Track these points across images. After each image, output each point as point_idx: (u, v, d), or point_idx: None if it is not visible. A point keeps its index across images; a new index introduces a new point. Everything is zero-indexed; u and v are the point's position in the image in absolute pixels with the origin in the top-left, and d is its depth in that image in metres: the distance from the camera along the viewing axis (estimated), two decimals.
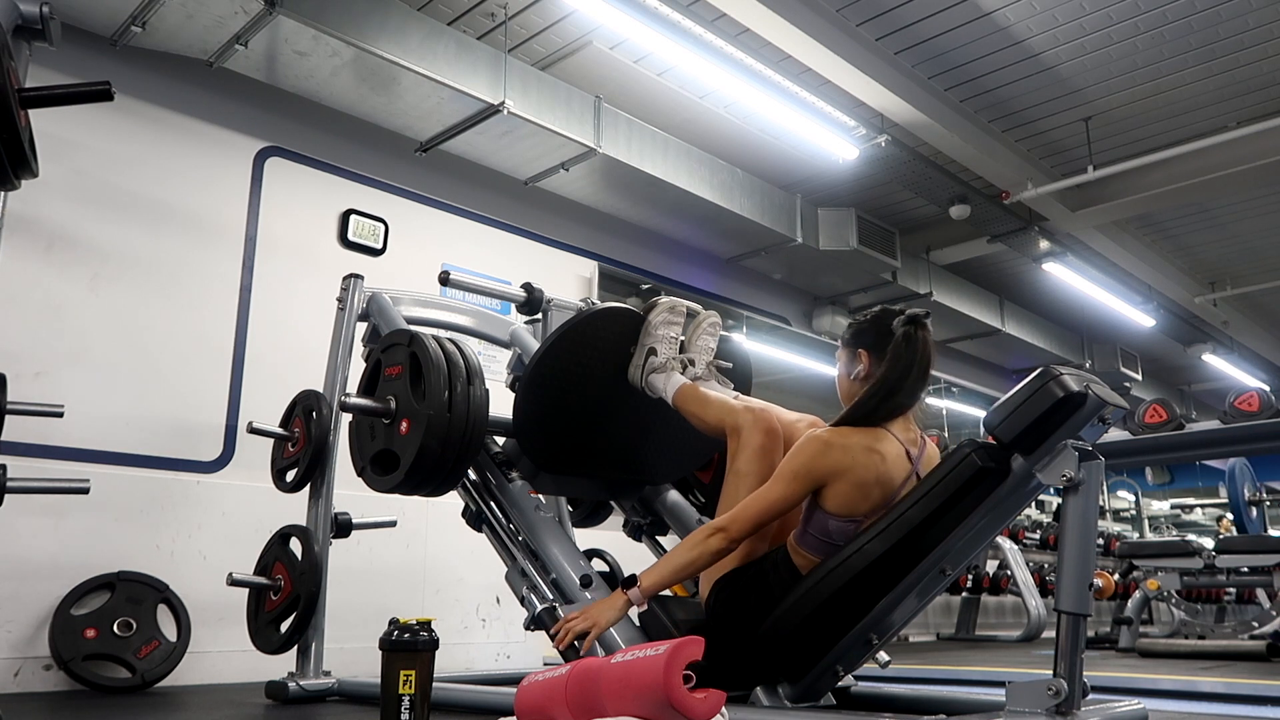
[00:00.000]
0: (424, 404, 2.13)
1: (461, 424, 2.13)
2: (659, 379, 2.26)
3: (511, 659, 4.06)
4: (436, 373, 2.14)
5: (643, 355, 2.30)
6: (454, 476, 2.21)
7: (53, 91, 1.59)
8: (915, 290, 6.43)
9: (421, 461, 2.11)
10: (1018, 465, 1.70)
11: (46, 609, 2.97)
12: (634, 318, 2.34)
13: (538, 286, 2.67)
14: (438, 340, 2.24)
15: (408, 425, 2.16)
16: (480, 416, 2.18)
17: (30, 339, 3.21)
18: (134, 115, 3.59)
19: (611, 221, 5.19)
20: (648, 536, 2.67)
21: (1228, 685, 2.94)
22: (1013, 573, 6.10)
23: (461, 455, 2.16)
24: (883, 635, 1.88)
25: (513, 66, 4.07)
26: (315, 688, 2.63)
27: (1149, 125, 5.07)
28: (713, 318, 2.40)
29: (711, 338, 2.38)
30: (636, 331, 2.33)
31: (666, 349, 2.29)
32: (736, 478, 2.03)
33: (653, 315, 2.32)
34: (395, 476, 2.17)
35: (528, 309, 2.68)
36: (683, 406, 2.19)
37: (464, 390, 2.16)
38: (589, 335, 2.27)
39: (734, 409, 2.11)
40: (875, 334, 1.96)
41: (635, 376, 2.31)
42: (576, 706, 1.57)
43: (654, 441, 2.32)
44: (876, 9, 4.04)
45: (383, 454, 2.23)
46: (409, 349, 2.24)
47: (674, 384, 2.23)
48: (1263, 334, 8.67)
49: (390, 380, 2.27)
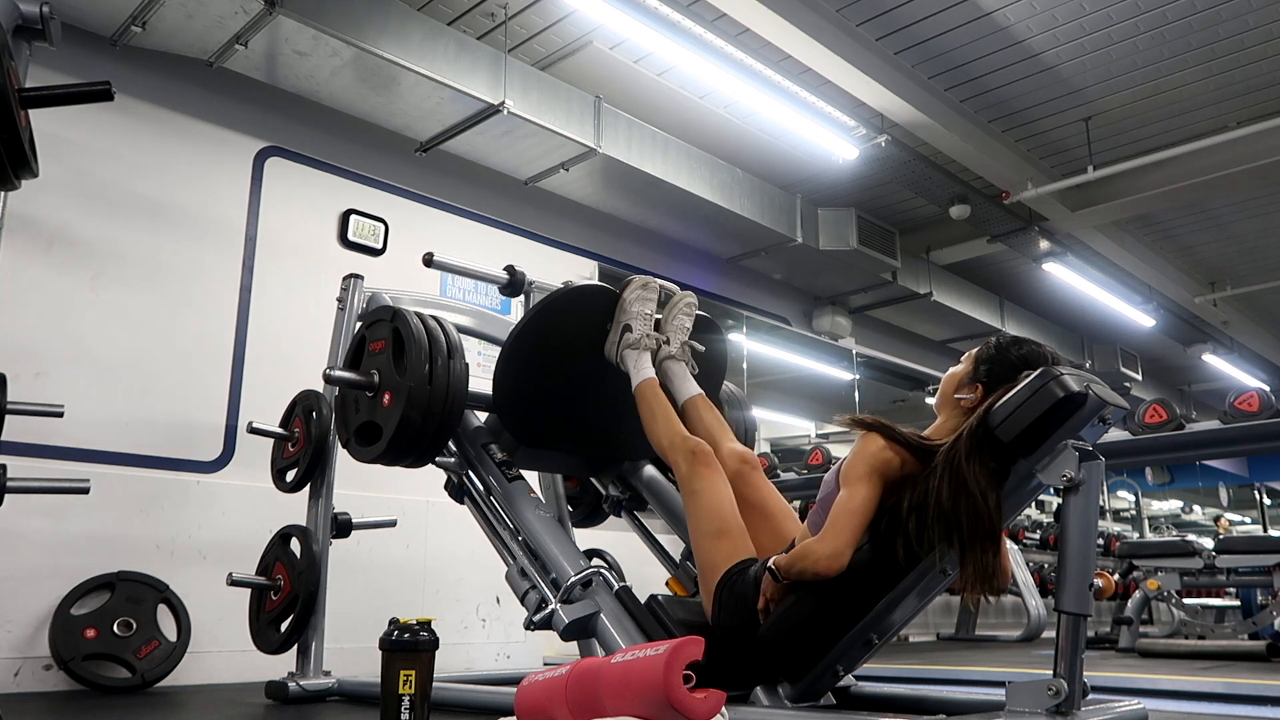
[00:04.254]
0: (405, 377, 2.18)
1: (442, 396, 2.19)
2: (631, 355, 2.32)
3: (511, 659, 4.06)
4: (418, 347, 2.20)
5: (618, 331, 2.35)
6: (434, 447, 2.26)
7: (53, 91, 1.59)
8: (915, 290, 6.44)
9: (403, 432, 2.17)
10: (1018, 465, 1.70)
11: (46, 609, 2.97)
12: (610, 295, 2.41)
13: (520, 269, 2.69)
14: (420, 316, 2.29)
15: (390, 398, 2.22)
16: (460, 390, 2.24)
17: (30, 339, 3.21)
18: (134, 115, 3.59)
19: (611, 221, 5.19)
20: (627, 512, 2.74)
21: (1228, 685, 2.94)
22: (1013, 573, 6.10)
23: (442, 427, 2.21)
24: (883, 635, 1.88)
25: (513, 66, 4.07)
26: (315, 688, 2.63)
27: (1149, 125, 5.07)
28: (689, 298, 2.45)
29: (688, 318, 2.43)
30: (613, 309, 2.38)
31: (641, 325, 2.34)
32: (692, 496, 2.10)
33: (627, 292, 2.38)
34: (378, 447, 2.22)
35: (510, 290, 2.71)
36: (638, 401, 2.25)
37: (444, 364, 2.22)
38: (566, 311, 2.33)
39: (674, 440, 2.15)
40: (1001, 378, 1.84)
41: (611, 352, 2.36)
42: (576, 706, 1.57)
43: (631, 417, 2.34)
44: (876, 9, 4.04)
45: (366, 425, 2.29)
46: (392, 324, 2.29)
47: (640, 374, 2.28)
48: (1263, 334, 8.67)
49: (374, 355, 2.33)
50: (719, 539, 2.03)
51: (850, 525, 1.77)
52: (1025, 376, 1.72)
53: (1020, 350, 1.88)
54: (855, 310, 6.74)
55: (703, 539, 2.06)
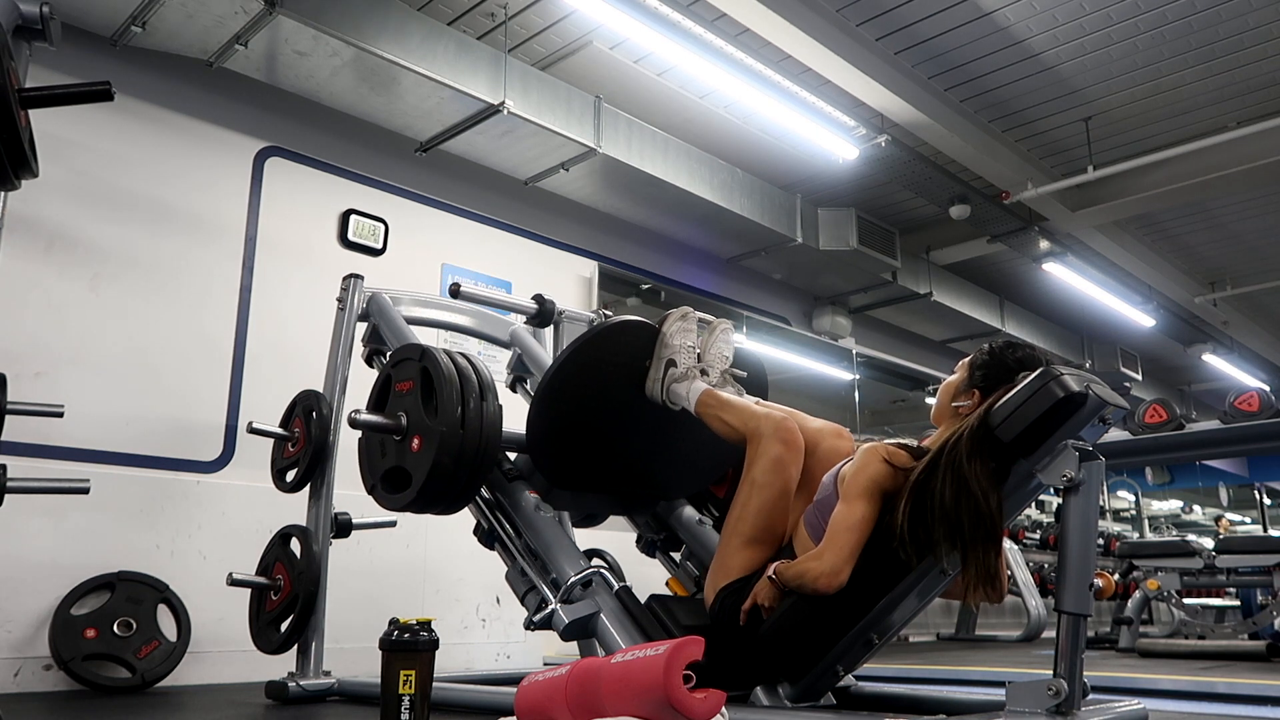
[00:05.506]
0: (436, 420, 2.07)
1: (475, 440, 2.08)
2: (681, 388, 2.21)
3: (511, 659, 4.06)
4: (449, 388, 2.09)
5: (661, 368, 2.25)
6: (467, 494, 2.16)
7: (53, 91, 1.59)
8: (915, 290, 6.44)
9: (434, 479, 2.06)
10: (1018, 465, 1.70)
11: (46, 609, 2.97)
12: (648, 330, 2.30)
13: (549, 298, 2.63)
14: (449, 354, 2.20)
15: (420, 442, 2.11)
16: (494, 432, 2.13)
17: (30, 339, 3.21)
18: (134, 115, 3.59)
19: (611, 221, 5.19)
20: (661, 553, 2.62)
21: (1228, 685, 2.94)
22: (1013, 573, 6.09)
23: (475, 472, 2.11)
24: (883, 635, 1.88)
25: (513, 66, 4.07)
26: (315, 688, 2.62)
27: (1149, 125, 5.07)
28: (725, 325, 2.37)
29: (726, 345, 2.35)
30: (651, 344, 2.28)
31: (685, 358, 2.25)
32: (751, 487, 2.00)
33: (666, 326, 2.28)
34: (407, 494, 2.12)
35: (539, 321, 2.65)
36: (704, 412, 2.15)
37: (477, 405, 2.10)
38: (603, 349, 2.23)
39: (755, 414, 2.07)
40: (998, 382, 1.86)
41: (654, 390, 2.26)
42: (576, 706, 1.57)
43: (668, 456, 2.29)
44: (876, 9, 4.04)
45: (394, 471, 2.18)
46: (420, 364, 2.19)
47: (695, 390, 2.19)
48: (1263, 334, 8.67)
49: (401, 396, 2.22)
50: (749, 547, 1.99)
51: (849, 542, 1.77)
52: (1024, 377, 1.72)
53: (1016, 354, 1.89)
54: (855, 310, 6.74)
55: (734, 537, 2.01)
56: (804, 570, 1.79)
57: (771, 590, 1.85)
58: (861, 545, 1.78)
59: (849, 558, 1.76)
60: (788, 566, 1.84)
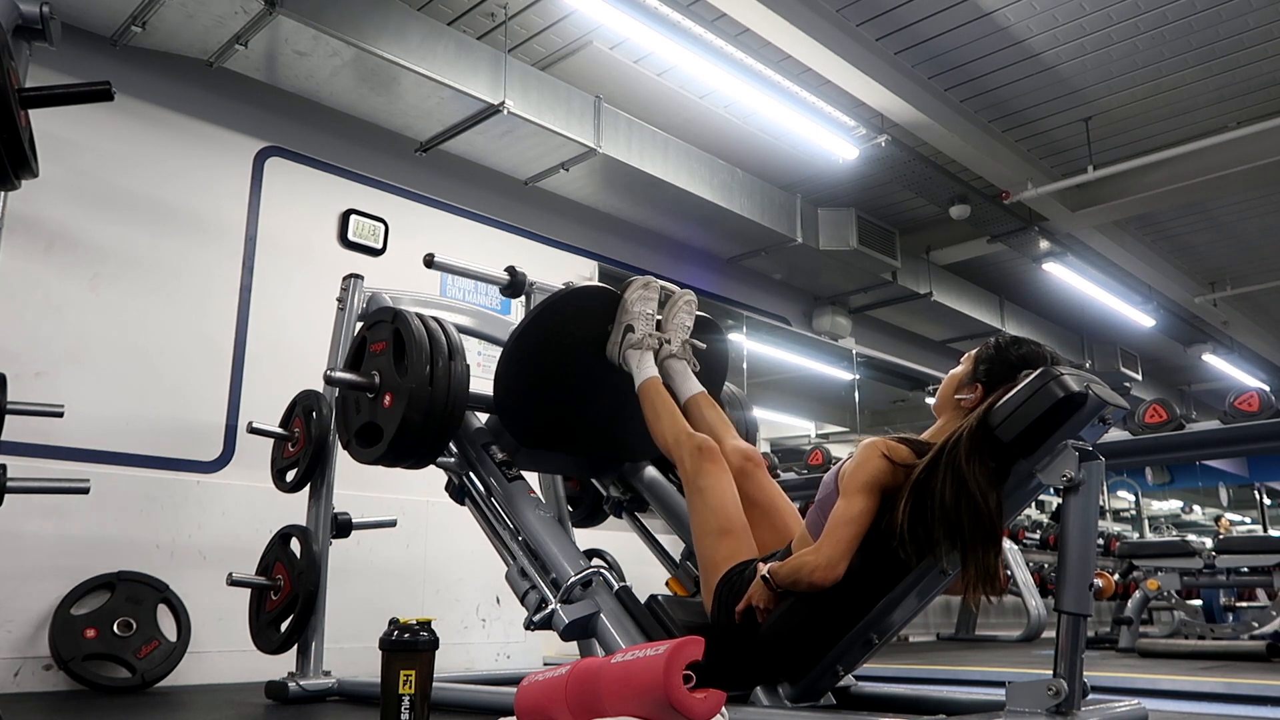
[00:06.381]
0: (406, 378, 2.19)
1: (443, 397, 2.20)
2: (634, 355, 2.33)
3: (511, 659, 4.06)
4: (419, 348, 2.20)
5: (620, 332, 2.36)
6: (435, 449, 2.26)
7: (53, 91, 1.59)
8: (915, 290, 6.44)
9: (404, 433, 2.17)
10: (1018, 465, 1.70)
11: (46, 609, 2.97)
12: (612, 296, 2.42)
13: (521, 270, 2.70)
14: (421, 317, 2.29)
15: (391, 399, 2.22)
16: (461, 391, 2.24)
17: (30, 339, 3.21)
18: (134, 115, 3.59)
19: (611, 221, 5.19)
20: (628, 513, 2.74)
21: (1228, 685, 2.94)
22: (1013, 573, 6.10)
23: (442, 428, 2.22)
24: (883, 635, 1.88)
25: (513, 66, 4.07)
26: (315, 688, 2.63)
27: (1149, 125, 5.07)
28: (688, 296, 2.46)
29: (688, 316, 2.45)
30: (614, 309, 2.39)
31: (643, 325, 2.35)
32: (698, 493, 2.09)
33: (628, 293, 2.39)
34: (379, 448, 2.23)
35: (511, 291, 2.71)
36: (642, 398, 2.27)
37: (445, 365, 2.22)
38: (567, 312, 2.34)
39: (680, 437, 2.16)
40: (1001, 378, 1.84)
41: (613, 353, 2.37)
42: (576, 706, 1.57)
43: (632, 418, 2.35)
44: (876, 9, 4.04)
45: (367, 427, 2.29)
46: (393, 325, 2.29)
47: (643, 373, 2.30)
48: (1263, 334, 8.67)
49: (375, 356, 2.33)
50: (722, 538, 2.04)
51: (846, 535, 1.77)
52: (1025, 376, 1.72)
53: (1019, 350, 1.88)
54: (855, 310, 6.74)
55: (706, 537, 2.06)
56: (800, 564, 1.79)
57: (765, 591, 1.85)
58: (859, 539, 1.78)
59: (846, 551, 1.76)
60: (782, 564, 1.84)
